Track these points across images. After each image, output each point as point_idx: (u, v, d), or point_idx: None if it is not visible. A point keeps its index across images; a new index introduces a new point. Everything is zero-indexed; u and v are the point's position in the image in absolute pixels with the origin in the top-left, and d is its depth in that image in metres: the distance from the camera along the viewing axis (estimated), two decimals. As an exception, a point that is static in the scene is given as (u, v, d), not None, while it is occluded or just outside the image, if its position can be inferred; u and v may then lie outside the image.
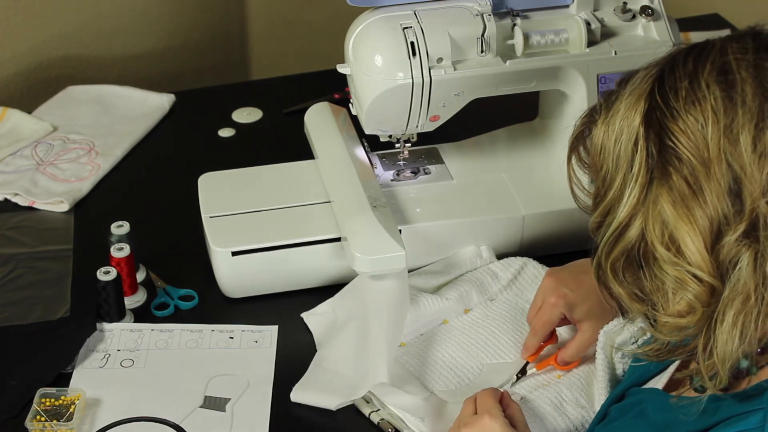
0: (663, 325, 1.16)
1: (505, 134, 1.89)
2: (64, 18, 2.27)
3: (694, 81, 1.11)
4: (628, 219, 1.14)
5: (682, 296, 1.12)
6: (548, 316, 1.51)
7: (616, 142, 1.15)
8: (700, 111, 1.10)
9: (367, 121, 1.66)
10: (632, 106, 1.14)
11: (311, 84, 2.16)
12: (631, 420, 1.27)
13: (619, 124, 1.15)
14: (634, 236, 1.14)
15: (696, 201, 1.10)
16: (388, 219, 1.62)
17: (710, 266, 1.10)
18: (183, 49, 2.45)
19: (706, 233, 1.10)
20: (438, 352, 1.57)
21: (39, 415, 1.46)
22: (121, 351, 1.59)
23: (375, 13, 1.62)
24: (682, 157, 1.10)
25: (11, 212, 1.86)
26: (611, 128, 1.16)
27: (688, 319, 1.13)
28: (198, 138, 2.06)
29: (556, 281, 1.52)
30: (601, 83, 1.69)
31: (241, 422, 1.48)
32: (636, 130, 1.13)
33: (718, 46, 1.13)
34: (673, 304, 1.13)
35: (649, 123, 1.12)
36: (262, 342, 1.61)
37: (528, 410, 1.45)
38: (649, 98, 1.13)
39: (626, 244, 1.15)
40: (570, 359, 1.53)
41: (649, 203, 1.13)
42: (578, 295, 1.50)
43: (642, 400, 1.29)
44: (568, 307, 1.50)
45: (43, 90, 2.22)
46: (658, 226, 1.12)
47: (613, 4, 1.71)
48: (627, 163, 1.14)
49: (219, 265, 1.65)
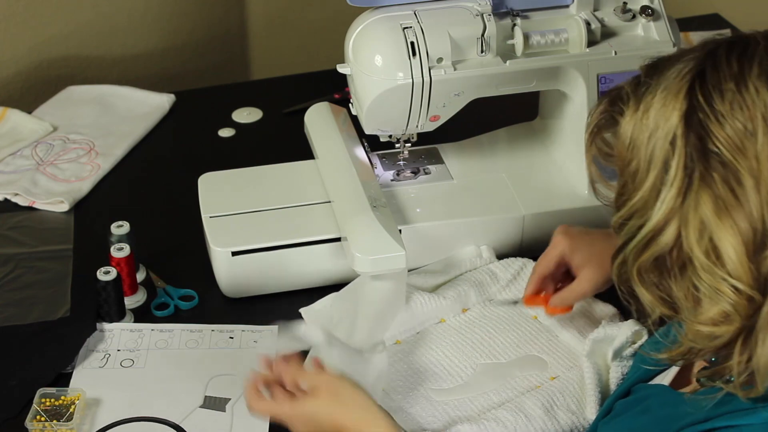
0: (695, 333, 1.12)
1: (505, 134, 1.89)
2: (64, 18, 2.27)
3: (741, 84, 1.07)
4: (663, 224, 1.10)
5: (717, 305, 1.09)
6: (550, 254, 1.55)
7: (650, 139, 1.10)
8: (749, 118, 1.06)
9: (367, 121, 1.66)
10: (669, 102, 1.09)
11: (311, 84, 2.16)
12: (636, 415, 1.27)
13: (654, 119, 1.10)
14: (668, 241, 1.10)
15: (740, 209, 1.06)
16: (388, 219, 1.62)
17: (750, 277, 1.07)
18: (183, 49, 2.45)
19: (748, 243, 1.06)
20: (433, 351, 1.57)
21: (39, 415, 1.46)
22: (121, 351, 1.59)
23: (375, 13, 1.62)
24: (727, 164, 1.06)
25: (11, 212, 1.86)
26: (644, 123, 1.11)
27: (723, 329, 1.10)
28: (198, 138, 2.06)
29: (566, 228, 1.57)
30: (601, 83, 1.69)
31: (241, 422, 1.48)
32: (673, 129, 1.08)
33: (762, 46, 1.09)
34: (707, 312, 1.10)
35: (690, 124, 1.08)
36: (262, 342, 1.61)
37: (518, 411, 1.45)
38: (689, 96, 1.08)
39: (659, 250, 1.11)
40: (559, 303, 1.56)
41: (689, 208, 1.08)
42: (583, 241, 1.54)
43: (648, 396, 1.28)
44: (570, 248, 1.54)
45: (43, 90, 2.22)
46: (697, 233, 1.08)
47: (613, 4, 1.71)
48: (661, 163, 1.09)
49: (219, 265, 1.65)
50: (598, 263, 1.52)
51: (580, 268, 1.54)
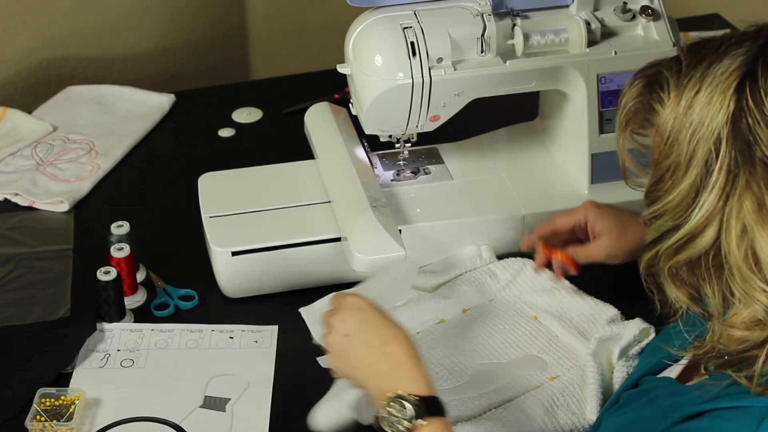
0: (725, 335, 1.11)
1: (505, 134, 1.89)
2: (64, 18, 2.27)
3: None
4: (703, 227, 1.08)
5: (749, 309, 1.08)
6: (573, 215, 1.57)
7: (693, 137, 1.07)
8: None
9: (367, 121, 1.66)
10: (716, 100, 1.06)
11: (311, 84, 2.16)
12: (642, 406, 1.26)
13: (698, 116, 1.06)
14: (706, 245, 1.08)
15: None
16: (388, 219, 1.62)
17: None
18: (183, 49, 2.45)
19: None
20: (433, 351, 1.57)
21: (39, 415, 1.46)
22: (121, 351, 1.59)
23: (375, 13, 1.62)
24: None
25: (11, 212, 1.86)
26: (687, 118, 1.07)
27: (755, 334, 1.09)
28: (198, 138, 2.06)
29: (594, 201, 1.59)
30: (601, 83, 1.69)
31: (241, 422, 1.48)
32: (718, 130, 1.05)
33: None
34: (738, 315, 1.09)
35: (737, 127, 1.05)
36: (262, 342, 1.61)
37: (518, 411, 1.45)
38: (737, 97, 1.05)
39: (696, 252, 1.09)
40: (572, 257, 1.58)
41: (730, 213, 1.06)
42: (609, 213, 1.55)
43: (654, 388, 1.28)
44: (595, 215, 1.56)
45: (43, 90, 2.22)
46: (737, 239, 1.06)
47: (613, 4, 1.71)
48: (703, 163, 1.06)
49: (219, 265, 1.65)
50: (618, 236, 1.53)
51: (599, 235, 1.56)
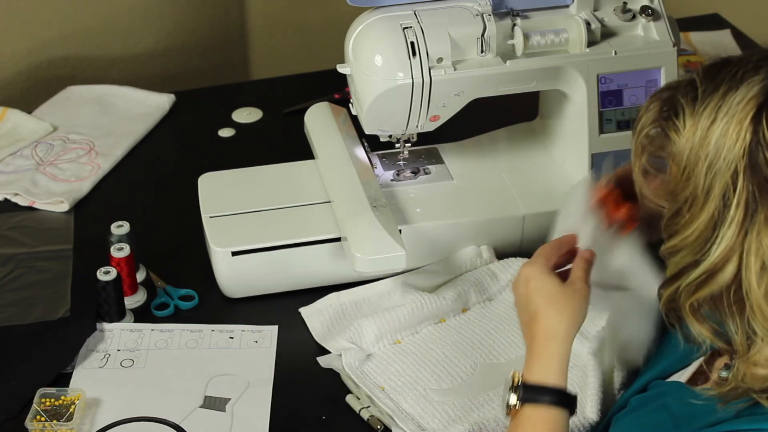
0: (750, 374, 1.09)
1: (505, 134, 1.89)
2: (64, 18, 2.27)
3: None
4: (722, 263, 1.06)
5: None
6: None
7: (710, 169, 1.04)
8: None
9: (367, 121, 1.66)
10: (731, 131, 1.03)
11: (311, 84, 2.16)
12: (652, 411, 1.26)
13: (714, 147, 1.03)
14: (726, 280, 1.06)
15: None
16: (388, 219, 1.63)
17: None
18: (183, 49, 2.45)
19: None
20: (433, 351, 1.57)
21: (39, 415, 1.46)
22: (121, 351, 1.59)
23: (375, 13, 1.62)
24: None
25: (11, 212, 1.86)
26: (703, 149, 1.04)
27: None
28: (198, 138, 2.06)
29: None
30: (601, 83, 1.69)
31: (241, 422, 1.48)
32: (735, 163, 1.03)
33: None
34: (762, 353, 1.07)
35: (754, 161, 1.02)
36: (262, 342, 1.61)
37: None
38: (754, 128, 1.02)
39: (716, 288, 1.08)
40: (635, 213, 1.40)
41: (749, 248, 1.04)
42: None
43: (664, 393, 1.27)
44: None
45: (43, 90, 2.22)
46: (757, 276, 1.04)
47: (613, 4, 1.71)
48: (720, 196, 1.04)
49: (219, 265, 1.65)
50: None
51: None
